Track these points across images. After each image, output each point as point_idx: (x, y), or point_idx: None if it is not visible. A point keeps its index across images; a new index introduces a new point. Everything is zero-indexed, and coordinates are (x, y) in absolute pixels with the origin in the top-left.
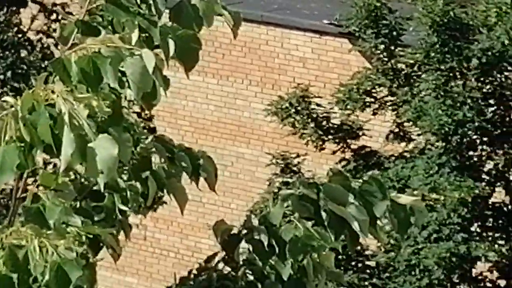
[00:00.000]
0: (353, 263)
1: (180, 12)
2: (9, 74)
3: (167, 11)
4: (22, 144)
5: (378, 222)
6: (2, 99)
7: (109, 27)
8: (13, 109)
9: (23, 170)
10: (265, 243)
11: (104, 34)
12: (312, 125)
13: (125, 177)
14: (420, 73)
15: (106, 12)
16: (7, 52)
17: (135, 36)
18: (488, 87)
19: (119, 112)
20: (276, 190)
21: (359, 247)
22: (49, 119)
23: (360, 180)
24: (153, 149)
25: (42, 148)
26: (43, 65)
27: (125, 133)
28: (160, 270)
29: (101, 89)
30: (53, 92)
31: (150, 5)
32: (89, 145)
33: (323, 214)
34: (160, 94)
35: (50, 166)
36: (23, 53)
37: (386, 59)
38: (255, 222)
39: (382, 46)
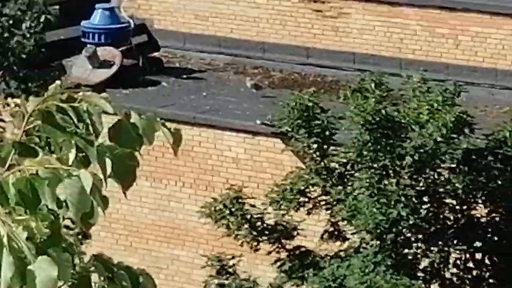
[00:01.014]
0: None
1: (119, 131)
2: None
3: (106, 130)
4: None
5: None
6: None
7: (46, 147)
8: None
9: None
10: None
11: (41, 155)
12: (246, 226)
13: None
14: (353, 171)
15: (43, 132)
16: None
17: (72, 156)
18: (421, 184)
19: (58, 233)
20: None
21: None
22: None
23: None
24: (93, 268)
25: None
26: None
27: (64, 254)
28: None
29: (39, 210)
30: None
31: (87, 125)
32: (29, 267)
33: None
34: (97, 213)
35: None
36: None
37: (319, 158)
38: None
39: (315, 146)
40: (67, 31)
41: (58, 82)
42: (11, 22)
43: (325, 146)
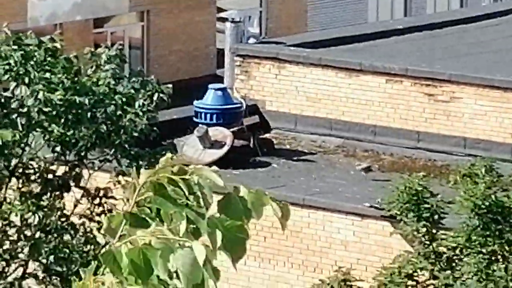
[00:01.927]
0: None
1: (228, 204)
2: (51, 258)
3: (215, 202)
4: None
5: None
6: None
7: (157, 219)
8: None
9: None
10: None
11: (154, 226)
12: None
13: None
14: (462, 256)
15: (154, 204)
16: (50, 236)
17: (183, 227)
18: None
19: None
20: None
21: None
22: None
23: None
24: None
25: None
26: (85, 249)
27: None
28: None
29: (150, 280)
30: (103, 283)
31: (198, 197)
32: None
33: None
34: (208, 285)
35: None
36: (66, 237)
37: (427, 242)
38: None
39: (423, 229)
40: (180, 111)
41: (169, 154)
42: (124, 100)
43: (434, 230)
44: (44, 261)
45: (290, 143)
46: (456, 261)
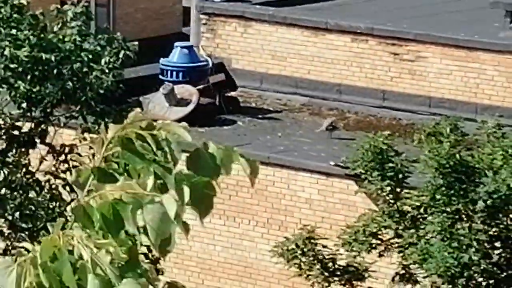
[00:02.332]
0: None
1: (197, 160)
2: (17, 214)
3: (184, 158)
4: None
5: None
6: (21, 245)
7: (125, 174)
8: (31, 255)
9: None
10: None
11: (122, 180)
12: (318, 266)
13: None
14: (426, 215)
15: (122, 158)
16: (15, 193)
17: (150, 182)
18: (494, 230)
19: (135, 258)
20: None
21: None
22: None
23: None
24: None
25: None
26: (51, 206)
27: (141, 279)
28: None
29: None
30: (72, 238)
31: (166, 153)
32: None
33: None
34: (175, 241)
35: None
36: (32, 194)
37: (392, 201)
38: None
39: (388, 188)
40: (146, 68)
41: (138, 109)
42: (90, 57)
43: (398, 189)
44: (10, 217)
45: (255, 101)
46: (420, 220)
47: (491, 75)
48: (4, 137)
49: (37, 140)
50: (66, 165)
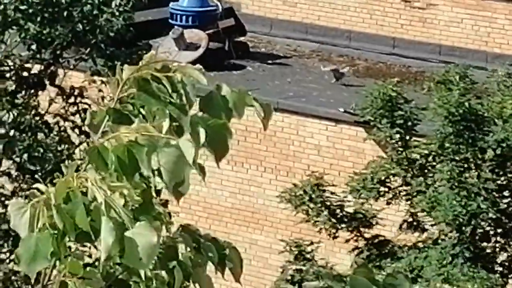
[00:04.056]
0: None
1: (210, 102)
2: (25, 156)
3: (197, 101)
4: (55, 232)
5: None
6: (34, 186)
7: (140, 115)
8: (44, 196)
9: (56, 258)
10: None
11: (138, 123)
12: (325, 213)
13: (151, 266)
14: (434, 163)
15: (137, 100)
16: (24, 135)
17: (166, 124)
18: (502, 178)
19: (149, 201)
20: (289, 278)
21: None
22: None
23: (384, 273)
24: (180, 239)
25: (74, 235)
26: (60, 148)
27: (155, 222)
28: None
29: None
30: (86, 180)
31: (181, 95)
32: (127, 233)
33: None
34: (188, 183)
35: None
36: (40, 136)
37: (400, 149)
38: None
39: (397, 136)
40: (155, 12)
41: (153, 51)
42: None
43: (407, 137)
44: (18, 159)
45: (265, 46)
46: (429, 168)
47: (502, 24)
48: (13, 78)
49: (47, 82)
50: (75, 108)
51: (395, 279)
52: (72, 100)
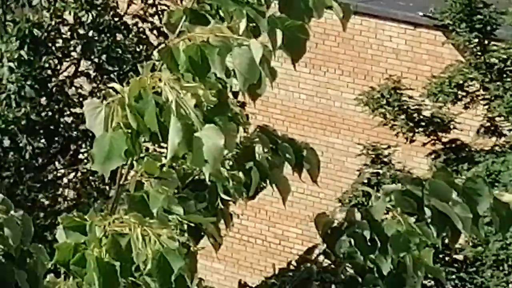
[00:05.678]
0: (440, 256)
1: (289, 2)
2: (104, 57)
3: (276, 1)
4: (129, 131)
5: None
6: (109, 85)
7: (217, 16)
8: (119, 96)
9: (130, 157)
10: (367, 238)
11: (213, 23)
12: (403, 116)
13: (228, 167)
14: None
15: (215, 0)
16: (102, 35)
17: (242, 25)
18: None
19: (225, 101)
20: (365, 181)
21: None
22: (155, 108)
23: (463, 177)
24: (257, 139)
25: (148, 135)
26: (138, 50)
27: (230, 123)
28: (247, 257)
29: (207, 78)
30: (160, 80)
31: None
32: (196, 134)
33: (427, 210)
34: (265, 85)
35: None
36: (119, 37)
37: (479, 53)
38: (357, 216)
39: (475, 40)
40: None
41: None
42: None
43: (485, 41)
44: (96, 60)
45: None
46: (507, 72)
47: None
48: None
49: None
50: (154, 9)
51: (475, 183)
52: (151, 1)
